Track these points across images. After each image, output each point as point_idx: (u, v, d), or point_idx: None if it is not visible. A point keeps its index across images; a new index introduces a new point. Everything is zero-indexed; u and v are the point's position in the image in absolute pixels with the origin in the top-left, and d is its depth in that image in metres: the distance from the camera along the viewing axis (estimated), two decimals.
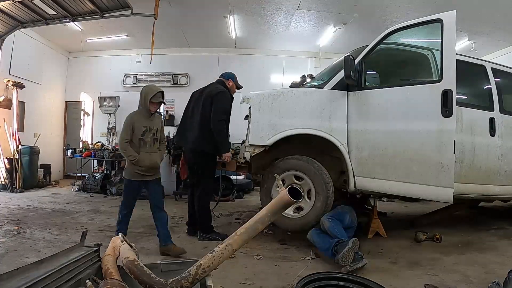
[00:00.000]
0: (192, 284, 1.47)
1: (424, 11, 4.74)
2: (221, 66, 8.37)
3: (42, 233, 3.37)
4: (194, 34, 7.90)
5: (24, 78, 7.17)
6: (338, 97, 3.20)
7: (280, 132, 3.12)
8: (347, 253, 2.46)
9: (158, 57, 7.86)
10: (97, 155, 6.94)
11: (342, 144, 3.15)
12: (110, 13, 5.73)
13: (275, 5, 6.33)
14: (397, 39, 3.28)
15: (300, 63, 8.67)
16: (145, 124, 2.94)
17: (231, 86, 3.59)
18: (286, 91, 3.33)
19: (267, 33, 7.73)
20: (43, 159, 7.39)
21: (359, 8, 6.21)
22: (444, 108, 2.70)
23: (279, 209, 1.72)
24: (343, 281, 1.92)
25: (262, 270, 2.52)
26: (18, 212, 4.39)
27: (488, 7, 5.73)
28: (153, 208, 3.05)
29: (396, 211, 5.12)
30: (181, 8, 6.45)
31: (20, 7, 5.44)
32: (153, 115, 3.00)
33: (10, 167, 6.29)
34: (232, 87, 3.61)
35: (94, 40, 8.15)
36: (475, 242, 3.33)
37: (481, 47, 7.27)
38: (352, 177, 3.15)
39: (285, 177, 3.14)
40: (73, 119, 9.21)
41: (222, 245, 1.60)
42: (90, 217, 4.27)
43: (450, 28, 2.75)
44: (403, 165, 2.92)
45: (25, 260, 2.42)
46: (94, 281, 1.49)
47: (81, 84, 9.00)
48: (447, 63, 2.74)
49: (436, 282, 2.25)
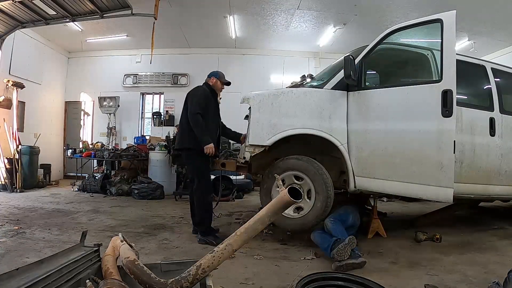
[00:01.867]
0: (192, 284, 1.47)
1: (424, 11, 4.73)
2: (221, 66, 8.38)
3: (42, 233, 3.37)
4: (194, 34, 7.90)
5: (24, 78, 7.17)
6: (338, 97, 3.20)
7: (280, 132, 3.12)
8: (343, 248, 2.49)
9: (158, 57, 7.87)
10: (97, 155, 6.95)
11: (342, 144, 3.14)
12: (110, 13, 5.74)
13: (275, 5, 6.33)
14: (397, 39, 3.28)
15: (300, 63, 8.68)
16: None
17: (214, 83, 3.57)
18: (286, 91, 3.32)
19: (267, 33, 7.74)
20: (43, 159, 7.39)
21: (359, 8, 6.22)
22: (444, 108, 2.70)
23: (279, 209, 1.72)
24: (343, 281, 1.91)
25: (262, 270, 2.52)
26: (18, 212, 4.39)
27: (488, 7, 5.73)
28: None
29: (396, 211, 5.11)
30: (181, 8, 6.46)
31: (20, 7, 5.45)
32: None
33: (10, 167, 6.30)
34: (215, 84, 3.57)
35: (94, 40, 8.16)
36: (475, 242, 3.33)
37: (481, 47, 7.28)
38: (352, 177, 3.15)
39: (285, 177, 3.14)
40: (73, 119, 9.22)
41: (222, 245, 1.60)
42: (90, 217, 4.27)
43: (450, 28, 2.75)
44: (403, 165, 2.92)
45: (25, 260, 2.42)
46: (94, 281, 1.49)
47: (81, 84, 9.01)
48: (447, 63, 2.73)
49: (436, 282, 2.25)
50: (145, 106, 9.28)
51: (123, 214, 4.59)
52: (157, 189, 6.10)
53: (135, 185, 6.18)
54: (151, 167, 6.71)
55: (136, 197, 5.96)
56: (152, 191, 6.03)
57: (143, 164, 7.06)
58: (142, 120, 9.20)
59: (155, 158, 6.67)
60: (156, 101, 9.25)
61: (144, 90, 9.06)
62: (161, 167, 6.58)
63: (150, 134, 8.50)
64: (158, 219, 4.32)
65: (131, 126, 8.94)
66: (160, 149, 6.66)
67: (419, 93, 2.87)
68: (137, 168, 7.09)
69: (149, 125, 9.08)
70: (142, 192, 5.99)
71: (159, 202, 5.76)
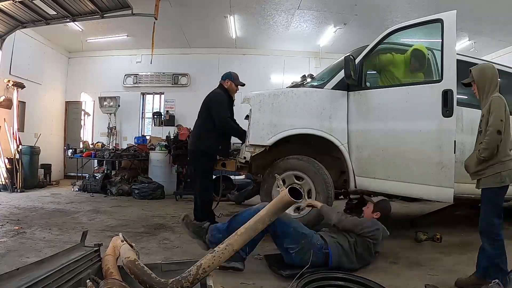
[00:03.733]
0: (192, 284, 1.48)
1: (424, 11, 4.73)
2: (221, 66, 8.38)
3: (42, 233, 3.37)
4: (194, 34, 7.90)
5: (25, 78, 7.17)
6: (339, 97, 3.20)
7: (280, 132, 3.12)
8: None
9: (158, 57, 7.87)
10: (98, 155, 6.95)
11: (342, 144, 3.14)
12: (110, 13, 5.74)
13: (275, 5, 6.33)
14: (398, 39, 3.28)
15: (300, 63, 8.67)
16: None
17: (229, 86, 3.63)
18: (286, 91, 3.33)
19: (267, 33, 7.74)
20: (44, 159, 7.39)
21: (359, 8, 6.21)
22: (445, 108, 2.70)
23: (280, 209, 1.72)
24: (343, 281, 1.92)
25: (262, 270, 2.52)
26: (19, 212, 4.39)
27: (488, 7, 5.72)
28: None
29: (396, 211, 5.11)
30: (181, 8, 6.46)
31: (21, 7, 5.45)
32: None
33: (10, 167, 6.29)
34: (230, 87, 3.64)
35: (94, 40, 8.15)
36: (475, 242, 3.30)
37: (481, 47, 7.27)
38: (353, 177, 3.15)
39: (286, 177, 3.14)
40: (73, 119, 9.23)
41: (222, 245, 1.61)
42: (90, 217, 4.27)
43: (451, 28, 2.75)
44: (403, 165, 2.92)
45: (25, 260, 2.42)
46: (94, 281, 1.49)
47: (82, 84, 9.01)
48: (448, 63, 2.74)
49: (436, 282, 2.24)
50: (145, 106, 9.28)
51: (123, 214, 4.59)
52: (157, 189, 6.10)
53: (135, 185, 6.18)
54: (151, 167, 6.71)
55: (137, 197, 5.96)
56: (152, 191, 6.03)
57: (143, 164, 7.05)
58: (143, 120, 9.21)
59: (155, 158, 6.67)
60: (157, 101, 9.25)
61: (144, 90, 9.06)
62: (161, 167, 6.58)
63: (150, 134, 8.49)
64: (158, 219, 4.32)
65: (131, 126, 8.94)
66: (161, 149, 6.65)
67: (420, 93, 2.87)
68: (137, 168, 7.09)
69: (149, 125, 9.08)
70: (143, 192, 5.99)
71: (160, 202, 5.75)
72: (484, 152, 2.09)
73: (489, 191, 2.15)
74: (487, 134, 2.09)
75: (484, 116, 2.20)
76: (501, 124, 2.07)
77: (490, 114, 2.11)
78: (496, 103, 2.13)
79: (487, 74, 2.25)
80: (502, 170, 2.10)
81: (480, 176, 2.17)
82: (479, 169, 2.17)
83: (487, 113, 2.15)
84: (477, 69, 2.32)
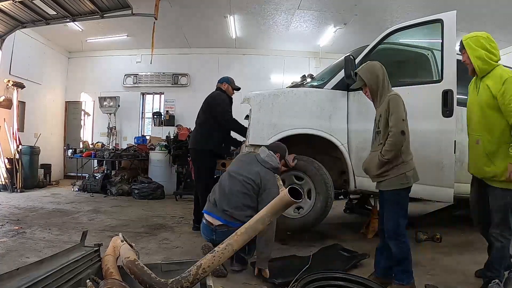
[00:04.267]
0: (192, 284, 1.48)
1: (424, 11, 4.72)
2: (221, 66, 8.38)
3: (42, 233, 3.37)
4: (194, 34, 7.90)
5: (24, 78, 7.17)
6: (339, 97, 3.20)
7: (280, 132, 3.12)
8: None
9: (158, 57, 7.87)
10: (98, 155, 6.95)
11: (342, 144, 3.14)
12: (110, 13, 5.73)
13: (275, 5, 6.33)
14: (398, 39, 3.28)
15: (300, 63, 8.66)
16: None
17: (226, 89, 3.80)
18: (286, 91, 3.33)
19: (267, 33, 7.73)
20: (43, 159, 7.39)
21: (359, 8, 6.21)
22: (445, 108, 2.70)
23: (279, 209, 1.72)
24: (343, 281, 1.91)
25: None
26: (19, 212, 4.39)
27: (488, 7, 5.72)
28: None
29: None
30: (181, 8, 6.46)
31: (20, 7, 5.44)
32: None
33: (10, 167, 6.29)
34: (227, 89, 3.81)
35: (94, 40, 8.15)
36: (475, 242, 3.32)
37: None
38: (353, 177, 3.15)
39: (285, 177, 3.14)
40: (73, 119, 9.22)
41: (222, 245, 1.60)
42: (90, 217, 4.27)
43: (451, 28, 2.75)
44: None
45: (25, 260, 2.42)
46: (94, 281, 1.49)
47: (81, 84, 9.00)
48: (448, 63, 2.74)
49: (436, 282, 2.25)
50: (145, 106, 9.27)
51: (123, 214, 4.59)
52: (157, 189, 6.11)
53: (135, 185, 6.18)
54: (151, 167, 6.72)
55: (137, 197, 5.97)
56: (152, 191, 6.03)
57: (143, 164, 7.06)
58: (143, 120, 9.20)
59: (155, 158, 6.67)
60: (157, 101, 9.24)
61: (144, 90, 9.05)
62: (161, 167, 6.58)
63: (150, 134, 8.49)
64: (158, 219, 4.32)
65: (131, 126, 8.93)
66: (161, 149, 6.66)
67: (420, 93, 2.87)
68: (137, 168, 7.10)
69: (149, 125, 9.08)
70: (143, 192, 5.99)
71: (160, 202, 5.76)
72: (388, 154, 2.01)
73: (393, 192, 2.09)
74: (391, 136, 2.01)
75: (382, 116, 2.11)
76: (403, 124, 2.01)
77: (390, 115, 2.04)
78: (395, 103, 2.05)
79: (378, 74, 2.16)
80: (406, 171, 2.06)
81: (384, 178, 2.10)
82: (383, 171, 2.09)
83: (385, 113, 2.07)
84: (365, 71, 2.21)
